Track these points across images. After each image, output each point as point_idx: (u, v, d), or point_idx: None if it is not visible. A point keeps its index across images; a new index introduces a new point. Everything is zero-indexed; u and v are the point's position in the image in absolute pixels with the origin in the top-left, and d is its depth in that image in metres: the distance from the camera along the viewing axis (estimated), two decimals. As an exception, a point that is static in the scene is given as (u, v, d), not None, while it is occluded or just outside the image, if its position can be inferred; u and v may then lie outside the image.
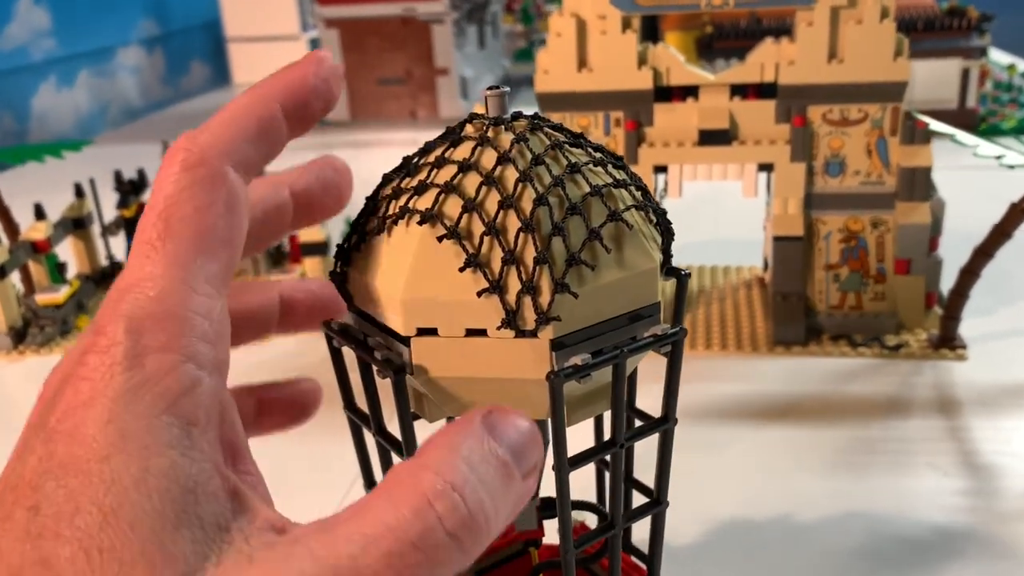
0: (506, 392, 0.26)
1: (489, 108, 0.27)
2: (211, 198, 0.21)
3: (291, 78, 0.24)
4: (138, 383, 0.18)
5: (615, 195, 0.26)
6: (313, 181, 0.26)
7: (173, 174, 0.21)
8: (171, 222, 0.20)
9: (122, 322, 0.19)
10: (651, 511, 0.30)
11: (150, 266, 0.20)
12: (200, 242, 0.20)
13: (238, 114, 0.23)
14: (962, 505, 0.47)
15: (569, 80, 0.63)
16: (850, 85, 0.61)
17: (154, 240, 0.20)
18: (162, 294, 0.19)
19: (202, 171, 0.21)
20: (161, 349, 0.18)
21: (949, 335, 0.62)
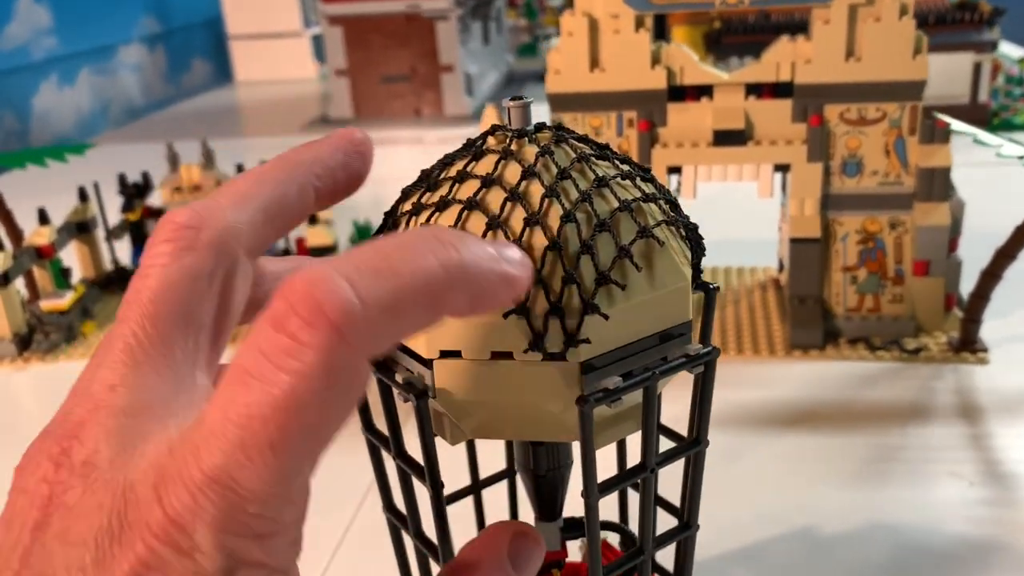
0: (533, 416, 0.25)
1: (512, 119, 0.26)
2: (348, 406, 0.17)
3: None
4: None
5: (644, 210, 0.25)
6: (337, 167, 0.24)
7: (309, 366, 0.16)
8: (292, 432, 0.17)
9: (211, 532, 0.16)
10: (681, 535, 0.29)
11: (251, 473, 0.16)
12: (318, 452, 0.17)
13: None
14: (988, 516, 0.46)
15: (581, 80, 0.62)
16: (868, 84, 0.60)
17: (263, 444, 0.16)
18: (262, 512, 0.17)
19: (347, 373, 0.17)
20: (253, 564, 0.17)
21: (970, 338, 0.61)
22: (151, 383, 0.19)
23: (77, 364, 0.70)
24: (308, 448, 0.17)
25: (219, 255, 0.21)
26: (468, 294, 0.18)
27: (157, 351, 0.20)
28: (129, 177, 0.82)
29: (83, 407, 0.19)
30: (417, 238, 0.18)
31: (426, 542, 0.29)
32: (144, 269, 0.21)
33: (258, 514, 0.17)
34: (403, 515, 0.29)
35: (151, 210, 0.80)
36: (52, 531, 0.17)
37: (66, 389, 0.21)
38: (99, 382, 0.19)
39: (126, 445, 0.18)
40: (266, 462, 0.16)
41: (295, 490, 0.17)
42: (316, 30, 1.90)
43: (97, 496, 0.17)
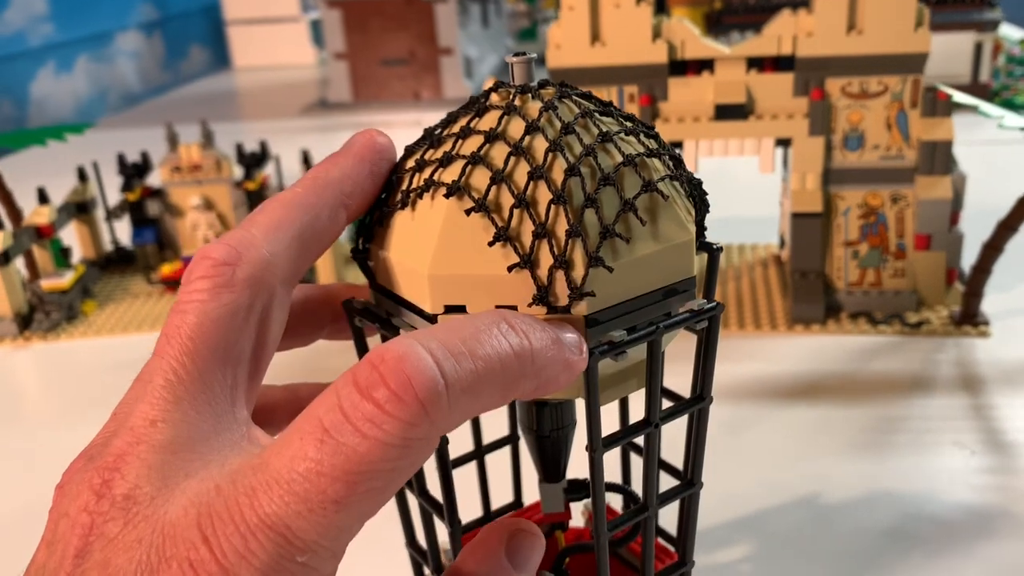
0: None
1: (515, 75, 0.26)
2: (411, 473, 0.18)
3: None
4: None
5: (648, 165, 0.25)
6: (365, 179, 0.25)
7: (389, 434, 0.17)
8: (359, 493, 0.17)
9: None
10: (684, 492, 0.29)
11: (310, 525, 0.17)
12: (373, 513, 0.18)
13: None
14: (990, 484, 0.46)
15: (582, 55, 0.62)
16: (870, 57, 0.59)
17: (328, 500, 0.17)
18: (309, 563, 0.17)
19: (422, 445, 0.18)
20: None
21: (971, 311, 0.61)
22: (191, 419, 0.19)
23: (78, 343, 0.70)
24: (366, 509, 0.17)
25: (256, 290, 0.21)
26: (536, 380, 0.20)
27: (197, 387, 0.20)
28: (128, 158, 0.82)
29: (123, 439, 0.19)
30: (492, 322, 0.19)
31: (431, 501, 0.29)
32: (182, 305, 0.21)
33: (305, 564, 0.17)
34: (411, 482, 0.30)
35: (150, 190, 0.80)
36: (92, 560, 0.17)
37: (67, 367, 0.21)
38: (139, 416, 0.19)
39: (167, 481, 0.18)
40: (327, 517, 0.17)
41: (342, 546, 0.18)
42: (314, 15, 1.90)
43: (137, 530, 0.17)
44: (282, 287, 0.22)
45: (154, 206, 0.80)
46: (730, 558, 0.42)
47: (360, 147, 0.24)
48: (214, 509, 0.17)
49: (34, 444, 0.56)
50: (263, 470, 0.17)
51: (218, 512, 0.17)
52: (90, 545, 0.18)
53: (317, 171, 0.24)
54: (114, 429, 0.20)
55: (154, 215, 0.80)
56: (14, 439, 0.57)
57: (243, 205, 0.79)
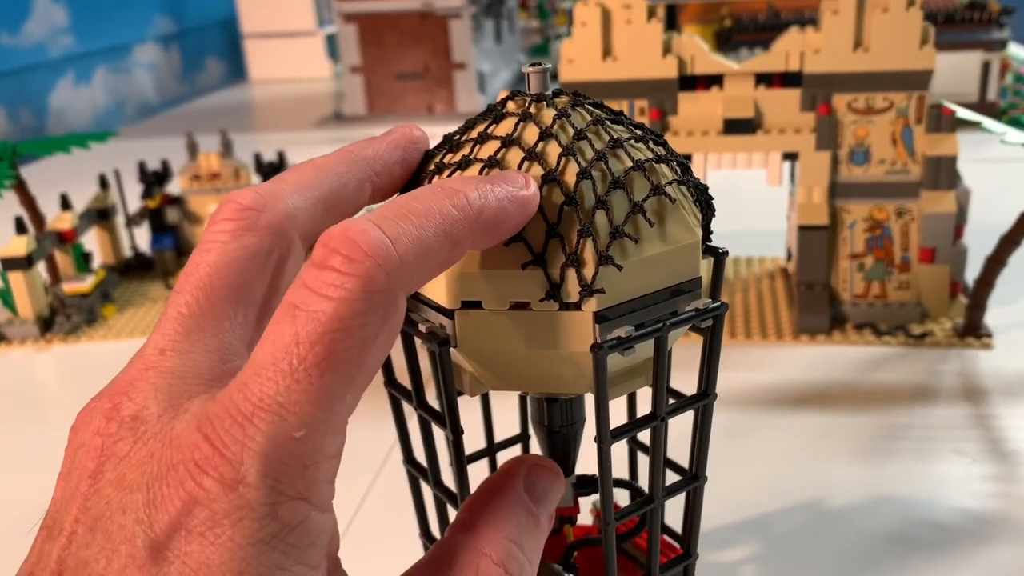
0: (549, 367, 0.26)
1: (531, 84, 0.27)
2: (385, 336, 0.19)
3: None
4: (270, 534, 0.17)
5: (657, 170, 0.26)
6: (395, 164, 0.26)
7: (350, 291, 0.18)
8: (336, 352, 0.18)
9: (258, 462, 0.17)
10: (689, 486, 0.30)
11: (299, 395, 0.17)
12: (360, 379, 0.18)
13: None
14: (991, 491, 0.47)
15: (594, 69, 0.63)
16: (876, 73, 0.61)
17: (310, 365, 0.17)
18: (307, 438, 0.18)
19: (383, 298, 0.18)
20: (296, 498, 0.18)
21: (975, 324, 0.62)
22: (199, 350, 0.20)
23: (98, 345, 0.71)
24: (350, 372, 0.18)
25: (276, 237, 0.22)
26: (483, 223, 0.21)
27: (208, 322, 0.21)
28: (148, 166, 0.84)
29: (135, 367, 0.20)
30: (426, 189, 0.21)
31: (445, 491, 0.30)
32: (204, 244, 0.22)
33: (303, 440, 0.17)
34: (423, 467, 0.31)
35: (170, 198, 0.82)
36: (106, 479, 0.18)
37: (87, 369, 0.22)
38: (151, 345, 0.20)
39: (172, 402, 0.19)
40: (312, 382, 0.17)
41: (337, 418, 0.18)
42: (330, 29, 1.92)
43: (148, 446, 0.18)
44: (301, 241, 0.23)
45: (173, 213, 0.81)
46: (734, 558, 0.43)
47: (397, 135, 0.26)
48: (211, 411, 0.18)
49: (54, 444, 0.56)
50: (250, 365, 0.18)
51: (215, 412, 0.18)
52: (103, 465, 0.18)
53: (352, 146, 0.25)
54: (130, 363, 0.21)
55: (173, 222, 0.82)
56: (35, 439, 0.58)
57: (260, 213, 0.80)
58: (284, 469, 0.17)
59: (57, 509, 0.19)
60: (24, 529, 0.20)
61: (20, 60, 1.51)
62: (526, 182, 0.23)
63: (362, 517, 0.48)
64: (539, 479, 0.23)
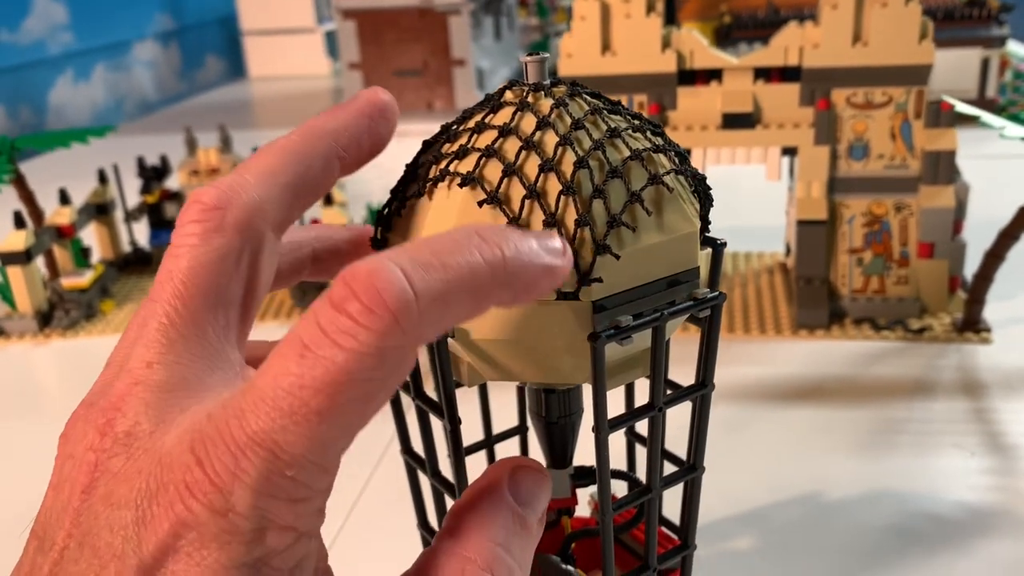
0: (547, 357, 0.26)
1: (529, 74, 0.27)
2: (391, 389, 0.18)
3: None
4: (257, 558, 0.18)
5: (655, 159, 0.26)
6: (363, 134, 0.25)
7: (364, 344, 0.17)
8: (339, 404, 0.17)
9: (248, 494, 0.17)
10: (687, 476, 0.30)
11: (296, 437, 0.17)
12: (358, 427, 0.18)
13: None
14: (989, 484, 0.47)
15: (593, 64, 0.63)
16: (874, 68, 0.61)
17: (311, 411, 0.17)
18: (298, 476, 0.18)
19: (396, 354, 0.18)
20: (284, 527, 0.18)
21: (973, 318, 0.62)
22: (185, 360, 0.20)
23: (96, 340, 0.71)
24: (350, 421, 0.18)
25: (246, 234, 0.22)
26: (511, 287, 0.20)
27: (190, 330, 0.21)
28: (147, 162, 0.84)
29: (123, 381, 0.20)
30: (463, 235, 0.19)
31: (443, 481, 0.30)
32: (174, 249, 0.21)
33: (294, 478, 0.18)
34: (420, 457, 0.31)
35: (169, 193, 0.82)
36: (98, 494, 0.18)
37: (86, 364, 0.22)
38: (136, 359, 0.20)
39: (164, 417, 0.19)
40: (311, 428, 0.17)
41: (331, 460, 0.18)
42: (330, 26, 1.92)
43: (138, 463, 0.18)
44: (272, 233, 0.23)
45: (172, 208, 0.81)
46: (733, 550, 0.43)
47: (362, 102, 0.25)
48: (205, 433, 0.18)
49: (53, 438, 0.57)
50: (250, 391, 0.18)
51: (209, 435, 0.18)
52: (96, 480, 0.19)
53: (314, 121, 0.24)
54: (113, 373, 0.21)
55: (172, 217, 0.82)
56: (33, 433, 0.58)
57: (259, 209, 0.80)
58: (273, 503, 0.18)
59: (47, 519, 0.19)
60: (24, 523, 0.20)
61: (20, 57, 1.51)
62: (564, 249, 0.21)
63: (361, 507, 0.48)
64: (524, 481, 0.23)
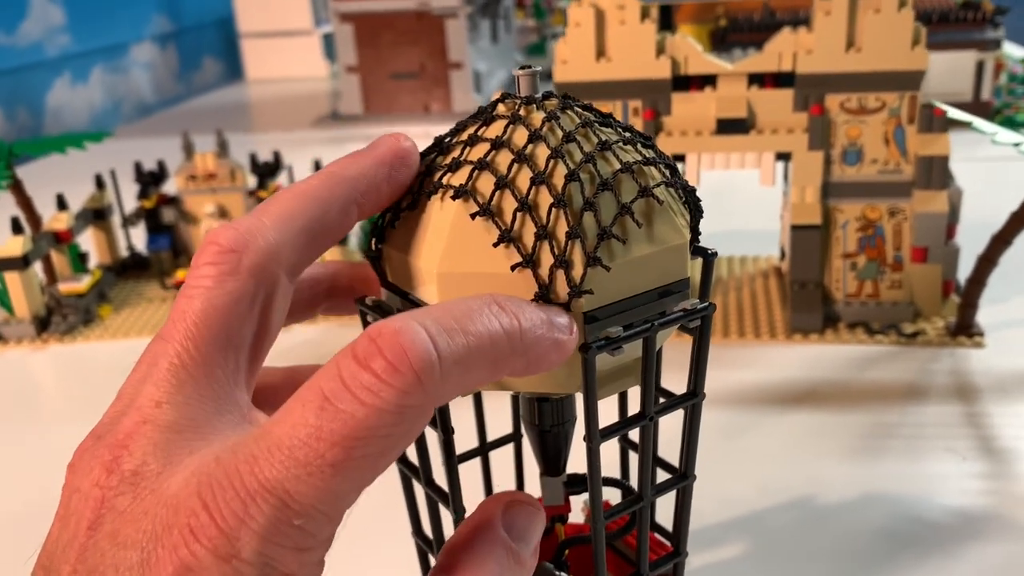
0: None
1: (521, 87, 0.27)
2: (405, 445, 0.19)
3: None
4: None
5: (645, 172, 0.27)
6: (382, 181, 0.25)
7: (385, 401, 0.18)
8: (354, 458, 0.18)
9: (254, 541, 0.18)
10: (679, 484, 0.30)
11: (307, 488, 0.18)
12: (369, 481, 0.19)
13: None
14: (981, 488, 0.47)
15: (588, 70, 0.64)
16: (868, 74, 0.61)
17: (325, 464, 0.18)
18: (305, 526, 0.18)
19: (415, 413, 0.18)
20: (287, 574, 0.18)
21: (967, 323, 0.62)
22: (194, 402, 0.20)
23: (94, 345, 0.71)
24: (363, 476, 0.18)
25: (260, 278, 0.22)
26: (525, 358, 0.21)
27: (200, 372, 0.21)
28: (144, 166, 0.84)
29: (131, 419, 0.20)
30: (483, 303, 0.21)
31: (437, 490, 0.30)
32: (188, 290, 0.22)
33: (302, 528, 0.18)
34: (415, 466, 0.31)
35: (166, 198, 0.82)
36: (104, 531, 0.19)
37: (83, 369, 0.22)
38: (146, 397, 0.20)
39: (171, 458, 0.19)
40: (324, 481, 0.18)
41: (338, 512, 0.19)
42: (327, 29, 1.92)
43: (144, 503, 0.19)
44: (287, 276, 0.23)
45: (169, 213, 0.82)
46: (726, 557, 0.43)
47: (384, 150, 0.25)
48: (214, 478, 0.18)
49: (50, 443, 0.57)
50: (264, 438, 0.18)
51: (218, 480, 0.18)
52: (102, 517, 0.19)
53: (335, 166, 0.25)
54: (122, 409, 0.21)
55: (169, 222, 0.82)
56: (31, 438, 0.58)
57: (256, 213, 0.81)
58: (279, 551, 0.18)
59: (54, 551, 0.19)
60: (21, 526, 0.21)
61: (17, 59, 1.51)
62: (571, 328, 0.23)
63: (356, 516, 0.48)
64: (518, 516, 0.23)
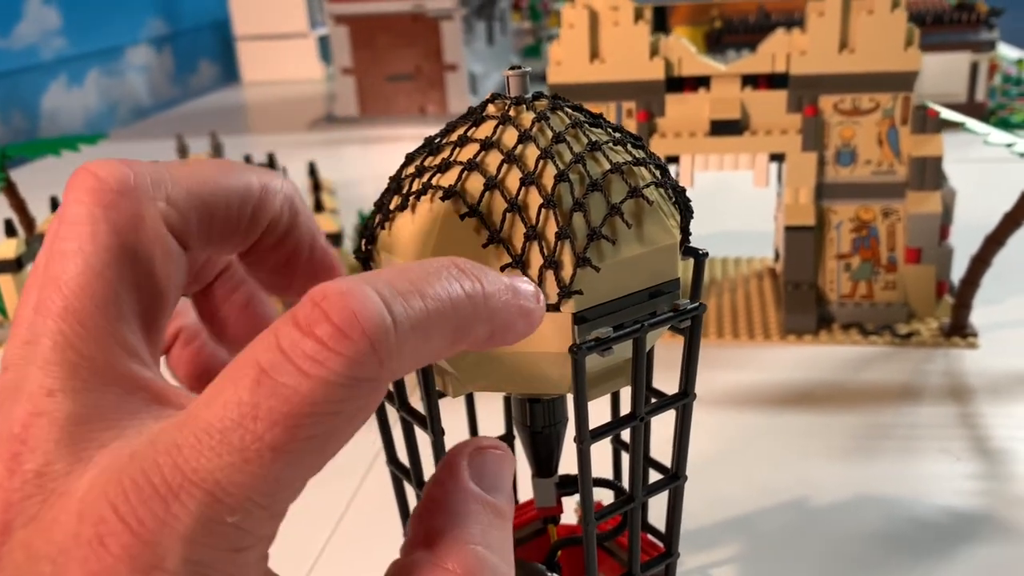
0: (529, 368, 0.26)
1: (511, 88, 0.27)
2: (357, 425, 0.16)
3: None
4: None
5: (635, 172, 0.27)
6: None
7: (333, 372, 0.15)
8: (299, 439, 0.15)
9: (180, 545, 0.15)
10: (670, 485, 0.30)
11: (243, 477, 0.15)
12: (316, 468, 0.16)
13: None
14: (975, 489, 0.47)
15: (581, 71, 0.64)
16: (861, 75, 0.61)
17: (264, 446, 0.15)
18: (242, 523, 0.15)
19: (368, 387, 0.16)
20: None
21: (960, 323, 0.62)
22: (93, 386, 0.17)
23: (88, 348, 0.71)
24: (307, 462, 0.16)
25: (146, 234, 0.19)
26: (490, 325, 0.18)
27: (93, 349, 0.17)
28: (139, 168, 0.84)
29: (23, 408, 0.17)
30: (441, 266, 0.18)
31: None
32: (60, 242, 0.18)
33: (237, 526, 0.15)
34: (406, 467, 0.31)
35: (160, 200, 0.82)
36: (17, 539, 0.16)
37: None
38: (34, 383, 0.17)
39: (80, 455, 0.16)
40: (263, 467, 0.15)
41: (280, 504, 0.16)
42: (323, 31, 1.92)
43: (53, 510, 0.16)
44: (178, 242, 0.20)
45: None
46: (720, 557, 0.43)
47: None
48: (127, 475, 0.15)
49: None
50: (189, 423, 0.15)
51: (132, 477, 0.15)
52: (13, 520, 0.16)
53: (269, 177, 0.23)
54: (8, 388, 0.17)
55: (163, 225, 0.82)
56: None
57: (250, 215, 0.80)
58: (211, 553, 0.15)
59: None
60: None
61: (12, 62, 1.51)
62: (537, 297, 0.20)
63: (348, 519, 0.48)
64: (486, 464, 0.20)
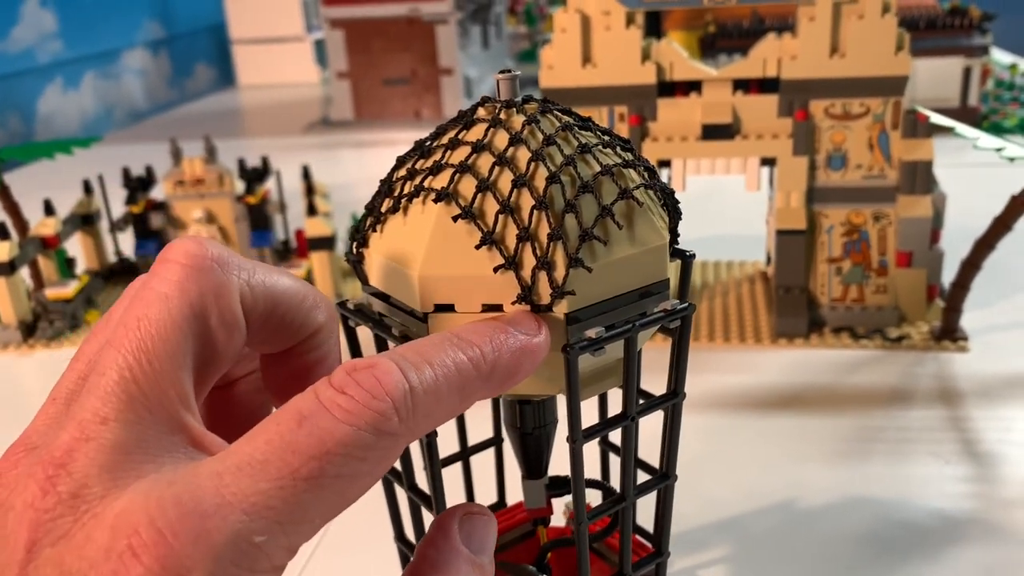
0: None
1: (501, 91, 0.28)
2: (372, 480, 0.19)
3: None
4: None
5: (625, 174, 0.27)
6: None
7: (363, 422, 0.18)
8: (329, 475, 0.18)
9: (208, 561, 0.17)
10: (660, 484, 0.30)
11: (277, 501, 0.17)
12: (334, 511, 0.19)
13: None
14: (964, 492, 0.48)
15: (573, 75, 0.64)
16: (852, 79, 0.62)
17: (299, 477, 0.17)
18: (265, 545, 0.17)
19: (389, 442, 0.19)
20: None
21: (951, 327, 0.63)
22: (145, 420, 0.19)
23: (82, 351, 0.71)
24: (331, 501, 0.18)
25: (224, 299, 0.21)
26: (492, 379, 0.22)
27: (153, 389, 0.19)
28: (133, 172, 0.84)
29: (70, 433, 0.18)
30: (444, 339, 0.22)
31: (419, 493, 0.30)
32: (148, 292, 0.20)
33: (260, 547, 0.17)
34: (397, 471, 0.31)
35: (154, 203, 0.82)
36: (45, 556, 0.17)
37: None
38: (89, 410, 0.19)
39: (117, 482, 0.18)
40: (295, 494, 0.17)
41: (296, 538, 0.18)
42: (318, 35, 1.93)
43: (86, 528, 0.17)
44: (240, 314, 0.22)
45: (157, 219, 0.82)
46: (709, 559, 0.44)
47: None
48: (169, 494, 0.17)
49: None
50: (231, 456, 0.17)
51: (175, 496, 0.17)
52: (40, 539, 0.17)
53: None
54: (57, 418, 0.19)
55: (157, 227, 0.82)
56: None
57: (244, 219, 0.81)
58: (233, 572, 0.17)
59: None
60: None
61: (8, 65, 1.51)
62: (538, 327, 0.24)
63: (338, 521, 0.48)
64: (475, 528, 0.23)
